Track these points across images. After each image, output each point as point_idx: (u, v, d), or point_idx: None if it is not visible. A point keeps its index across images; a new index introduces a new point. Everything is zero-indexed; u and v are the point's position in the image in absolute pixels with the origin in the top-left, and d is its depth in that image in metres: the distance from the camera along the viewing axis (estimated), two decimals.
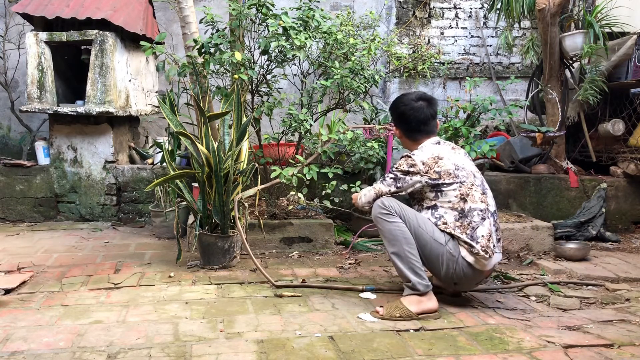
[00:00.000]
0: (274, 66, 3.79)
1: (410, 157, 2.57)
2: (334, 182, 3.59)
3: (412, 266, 2.48)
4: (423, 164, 2.54)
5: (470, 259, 2.49)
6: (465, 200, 2.50)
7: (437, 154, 2.56)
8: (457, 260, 2.50)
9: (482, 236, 2.48)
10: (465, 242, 2.48)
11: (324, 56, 3.89)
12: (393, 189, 2.59)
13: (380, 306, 2.53)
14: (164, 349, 2.11)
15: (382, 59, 5.29)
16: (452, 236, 2.51)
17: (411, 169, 2.55)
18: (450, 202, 2.52)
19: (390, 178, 2.60)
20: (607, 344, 2.20)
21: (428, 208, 2.58)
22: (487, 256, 2.48)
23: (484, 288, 2.91)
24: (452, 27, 6.08)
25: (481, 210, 2.51)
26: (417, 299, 2.47)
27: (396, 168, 2.60)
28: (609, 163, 4.62)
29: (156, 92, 5.30)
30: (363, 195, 2.69)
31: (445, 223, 2.51)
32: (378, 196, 2.62)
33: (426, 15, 6.04)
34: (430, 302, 2.48)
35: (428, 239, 2.50)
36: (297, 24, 3.50)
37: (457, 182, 2.51)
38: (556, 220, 4.13)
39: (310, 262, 3.44)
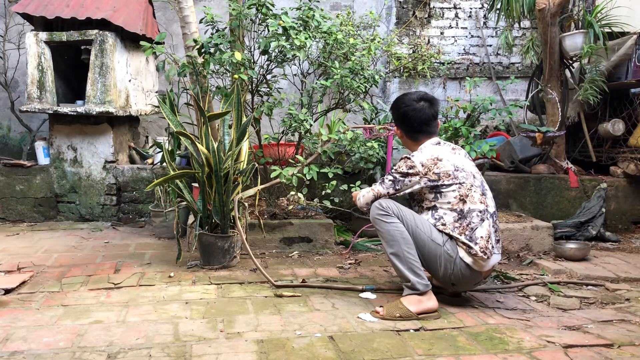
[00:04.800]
0: (274, 66, 3.79)
1: (409, 158, 2.57)
2: (334, 182, 3.59)
3: (411, 266, 2.48)
4: (422, 165, 2.53)
5: (468, 259, 2.49)
6: (464, 202, 2.50)
7: (436, 155, 2.56)
8: (455, 261, 2.50)
9: (481, 237, 2.48)
10: (464, 243, 2.48)
11: (324, 56, 3.89)
12: (391, 191, 2.59)
13: (380, 306, 2.53)
14: (164, 349, 2.11)
15: (382, 59, 5.29)
16: (451, 237, 2.51)
17: (410, 171, 2.54)
18: (449, 203, 2.52)
19: (389, 180, 2.59)
20: (607, 344, 2.20)
21: (428, 209, 2.58)
22: (486, 257, 2.48)
23: (484, 288, 2.91)
24: (452, 27, 6.08)
25: (480, 212, 2.51)
26: (417, 298, 2.47)
27: (395, 170, 2.59)
28: (609, 163, 4.62)
29: (156, 92, 5.30)
30: (362, 196, 2.69)
31: (444, 224, 2.51)
32: (376, 198, 2.62)
33: (426, 15, 6.04)
34: (430, 301, 2.48)
35: (426, 239, 2.50)
36: (297, 24, 3.50)
37: (456, 184, 2.51)
38: (556, 220, 4.13)
39: (310, 262, 3.44)
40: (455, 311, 2.58)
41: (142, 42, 3.51)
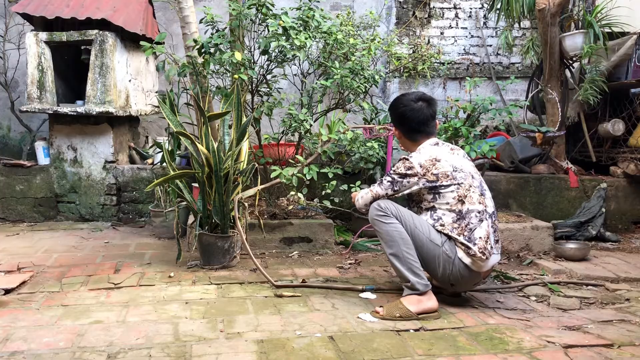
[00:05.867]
0: (274, 66, 3.79)
1: (407, 159, 2.57)
2: (334, 182, 3.59)
3: (411, 266, 2.48)
4: (421, 166, 2.53)
5: (466, 260, 2.49)
6: (462, 202, 2.50)
7: (434, 155, 2.56)
8: (454, 261, 2.50)
9: (480, 238, 2.48)
10: (462, 244, 2.48)
11: (324, 56, 3.89)
12: (390, 192, 2.59)
13: (380, 306, 2.53)
14: (164, 349, 2.11)
15: (382, 59, 5.29)
16: (449, 237, 2.51)
17: (409, 172, 2.54)
18: (448, 203, 2.51)
19: (388, 181, 2.59)
20: (607, 344, 2.20)
21: (427, 210, 2.58)
22: (484, 258, 2.48)
23: (484, 288, 2.91)
24: (452, 27, 6.08)
25: (479, 212, 2.51)
26: (417, 298, 2.47)
27: (394, 171, 2.59)
28: (609, 163, 4.62)
29: (156, 92, 5.30)
30: (360, 197, 2.69)
31: (443, 224, 2.51)
32: (375, 199, 2.62)
33: (426, 15, 6.04)
34: (430, 301, 2.48)
35: (424, 239, 2.50)
36: (297, 24, 3.50)
37: (454, 184, 2.51)
38: (556, 220, 4.13)
39: (310, 262, 3.44)
40: (455, 311, 2.58)
41: (142, 42, 3.51)
